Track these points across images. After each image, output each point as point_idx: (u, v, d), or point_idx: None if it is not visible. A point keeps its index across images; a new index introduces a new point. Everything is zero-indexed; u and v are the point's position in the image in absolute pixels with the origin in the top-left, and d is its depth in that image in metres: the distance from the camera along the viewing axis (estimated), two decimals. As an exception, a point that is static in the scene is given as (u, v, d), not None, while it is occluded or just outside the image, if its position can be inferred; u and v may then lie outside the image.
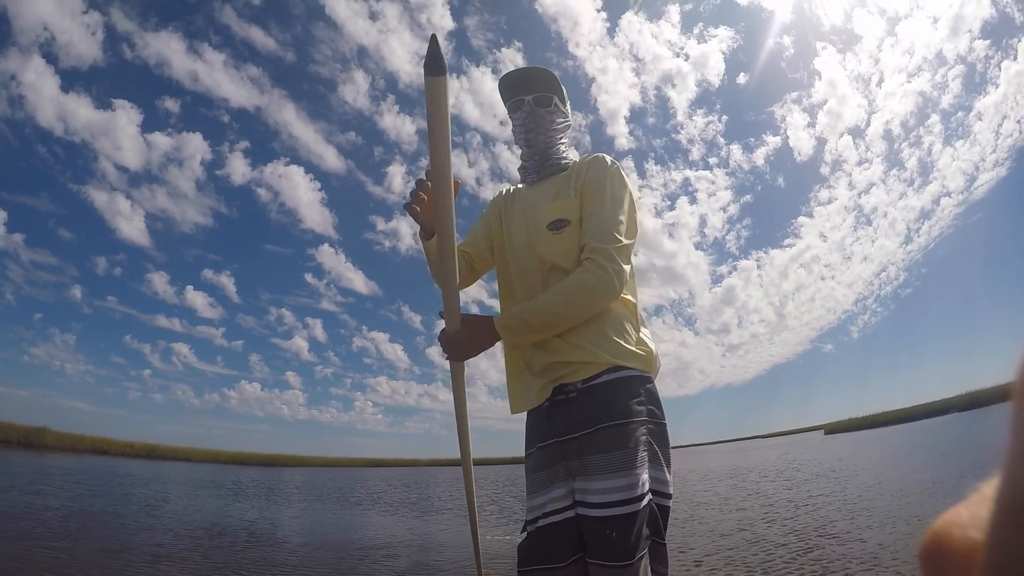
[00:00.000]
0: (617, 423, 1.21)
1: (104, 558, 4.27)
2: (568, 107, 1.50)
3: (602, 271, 1.24)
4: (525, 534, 1.28)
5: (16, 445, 30.38)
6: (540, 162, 1.44)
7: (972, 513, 0.17)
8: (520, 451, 1.42)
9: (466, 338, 1.27)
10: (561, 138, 1.46)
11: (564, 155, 1.45)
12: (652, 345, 1.36)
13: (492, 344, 1.28)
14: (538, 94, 1.41)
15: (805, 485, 8.71)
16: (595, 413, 1.23)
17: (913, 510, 5.13)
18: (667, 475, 1.24)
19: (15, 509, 6.57)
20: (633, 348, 1.30)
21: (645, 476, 1.18)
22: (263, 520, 7.66)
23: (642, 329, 1.37)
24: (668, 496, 1.23)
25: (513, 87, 1.43)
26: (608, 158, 1.40)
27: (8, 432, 31.72)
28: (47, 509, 6.84)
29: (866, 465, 11.32)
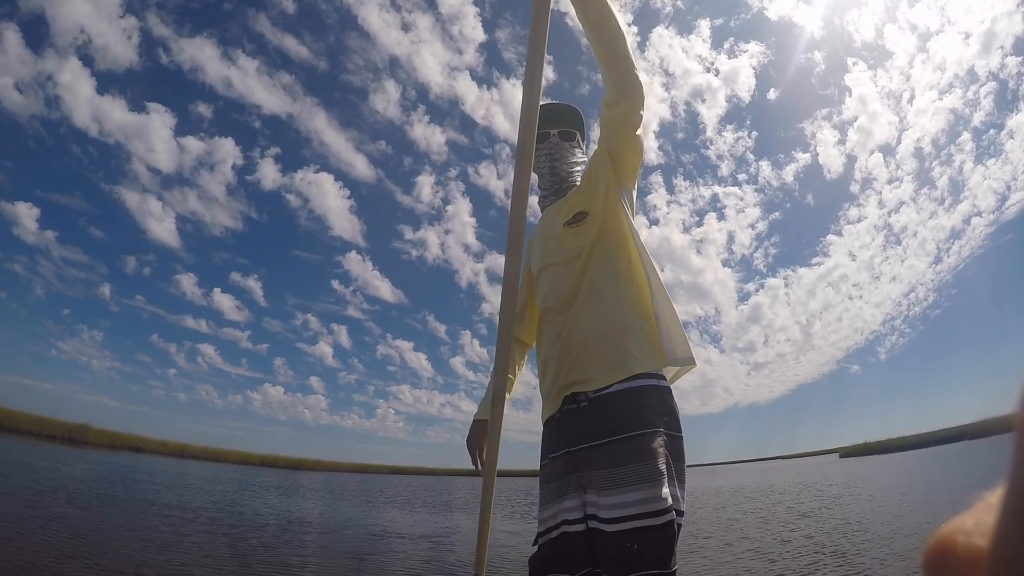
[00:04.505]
0: (630, 435, 1.14)
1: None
2: (585, 145, 1.57)
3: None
4: (536, 547, 1.25)
5: (60, 440, 31.79)
6: (559, 188, 1.50)
7: (977, 520, 0.18)
8: (536, 464, 1.43)
9: None
10: (577, 173, 1.52)
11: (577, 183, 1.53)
12: (669, 340, 1.25)
13: None
14: (563, 128, 1.50)
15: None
16: (607, 424, 1.17)
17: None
18: (680, 491, 1.15)
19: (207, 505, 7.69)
20: (645, 355, 1.23)
21: (667, 490, 1.10)
22: (341, 516, 8.64)
23: (659, 326, 1.26)
24: (680, 514, 1.14)
25: (542, 118, 1.47)
26: None
27: (53, 428, 33.25)
28: (203, 506, 7.97)
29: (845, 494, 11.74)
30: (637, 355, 1.22)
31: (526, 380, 1.65)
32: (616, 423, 1.16)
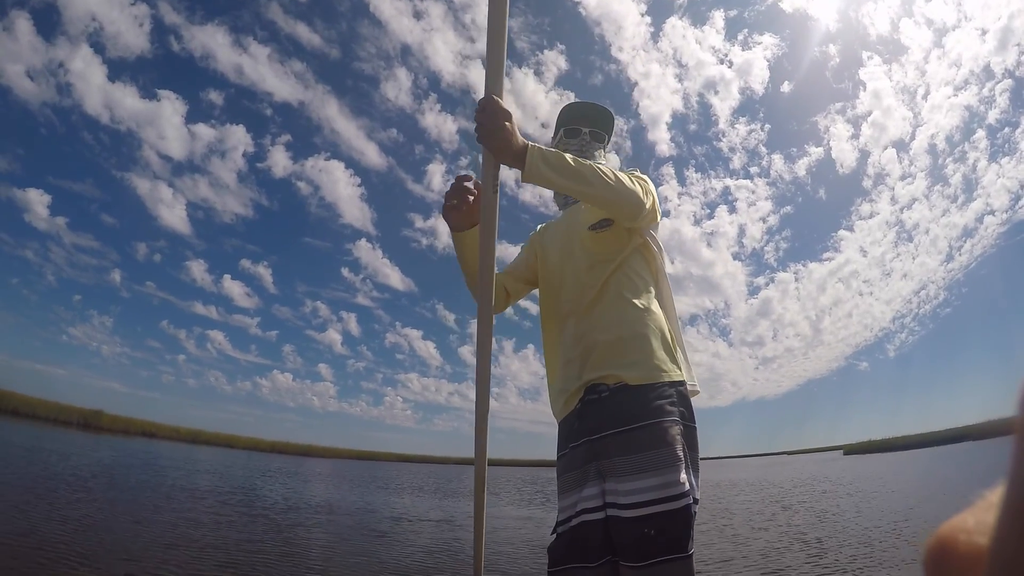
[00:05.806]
0: (648, 423, 1.18)
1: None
2: (607, 145, 1.59)
3: (641, 183, 1.28)
4: (555, 536, 1.26)
5: (75, 426, 32.74)
6: None
7: (978, 519, 0.18)
8: (545, 454, 1.85)
9: (504, 128, 1.08)
10: None
11: None
12: (686, 365, 1.35)
13: (513, 151, 1.10)
14: (594, 129, 1.52)
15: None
16: (626, 413, 1.20)
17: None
18: (695, 480, 1.19)
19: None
20: (665, 365, 1.27)
21: (684, 476, 1.13)
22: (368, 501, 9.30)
23: (676, 349, 1.35)
24: (695, 501, 1.17)
25: (576, 115, 1.53)
26: None
27: (69, 414, 34.15)
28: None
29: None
30: (659, 365, 1.26)
31: (535, 371, 1.68)
32: (635, 412, 1.20)
